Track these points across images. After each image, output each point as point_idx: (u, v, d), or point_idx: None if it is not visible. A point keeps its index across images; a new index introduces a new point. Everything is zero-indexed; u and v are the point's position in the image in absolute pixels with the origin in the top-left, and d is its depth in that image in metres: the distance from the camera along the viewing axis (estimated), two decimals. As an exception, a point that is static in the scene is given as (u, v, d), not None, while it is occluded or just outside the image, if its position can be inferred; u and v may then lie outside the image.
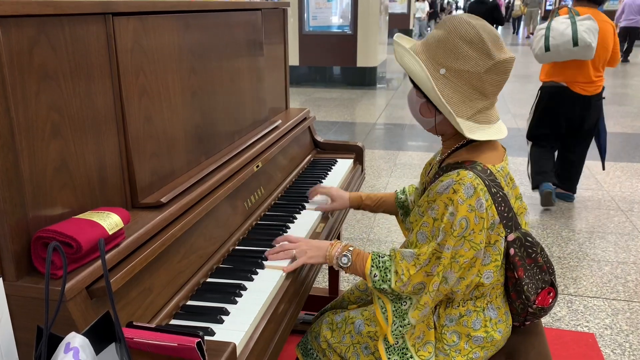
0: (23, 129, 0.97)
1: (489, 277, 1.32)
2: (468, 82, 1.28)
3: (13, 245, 0.96)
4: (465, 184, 1.24)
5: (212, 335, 1.14)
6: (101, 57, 1.17)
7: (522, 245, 1.34)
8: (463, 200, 1.24)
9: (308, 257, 1.44)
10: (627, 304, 2.78)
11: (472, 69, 1.27)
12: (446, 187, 1.27)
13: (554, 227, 3.70)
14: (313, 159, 2.39)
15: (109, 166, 1.21)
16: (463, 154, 1.36)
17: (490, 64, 1.26)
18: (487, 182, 1.27)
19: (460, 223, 1.24)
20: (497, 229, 1.30)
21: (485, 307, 1.37)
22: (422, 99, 1.37)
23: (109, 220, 1.06)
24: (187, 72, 1.48)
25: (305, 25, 9.70)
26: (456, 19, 1.29)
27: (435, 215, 1.28)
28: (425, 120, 1.41)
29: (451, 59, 1.28)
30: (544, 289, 1.39)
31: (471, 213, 1.24)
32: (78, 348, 0.78)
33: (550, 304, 1.41)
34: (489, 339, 1.36)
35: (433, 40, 1.32)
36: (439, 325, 1.38)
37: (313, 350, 1.56)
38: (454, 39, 1.28)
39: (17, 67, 0.95)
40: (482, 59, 1.26)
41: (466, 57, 1.27)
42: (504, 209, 1.30)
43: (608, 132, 4.40)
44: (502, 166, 1.35)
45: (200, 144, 1.57)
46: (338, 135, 6.32)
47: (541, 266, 1.38)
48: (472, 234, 1.25)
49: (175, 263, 1.28)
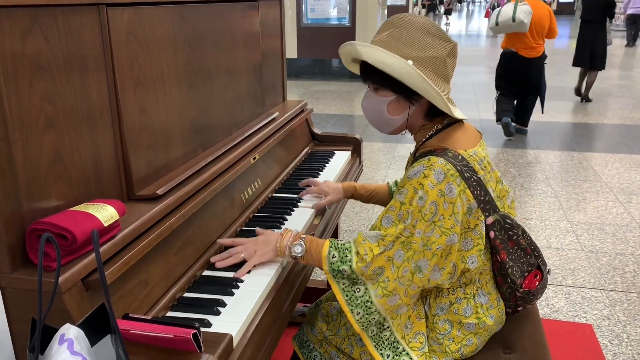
0: (16, 121, 0.96)
1: (473, 261, 1.32)
2: (434, 69, 1.33)
3: (7, 237, 0.95)
4: (435, 169, 1.26)
5: (208, 326, 1.14)
6: (95, 48, 1.16)
7: (501, 227, 1.34)
8: (433, 185, 1.25)
9: (258, 257, 1.39)
10: (624, 295, 2.79)
11: (437, 54, 1.32)
12: (416, 172, 1.28)
13: (552, 219, 3.70)
14: (310, 151, 2.39)
15: (104, 158, 1.21)
16: (435, 142, 1.38)
17: (449, 47, 1.34)
18: (459, 167, 1.28)
19: (429, 208, 1.25)
20: (476, 212, 1.31)
21: (476, 293, 1.38)
22: (391, 96, 1.37)
23: (105, 212, 1.06)
24: (182, 64, 1.47)
25: (304, 17, 9.66)
26: (405, 17, 1.35)
27: (403, 199, 1.28)
28: (392, 119, 1.40)
29: (415, 50, 1.31)
30: (530, 272, 1.40)
31: (440, 198, 1.25)
32: (72, 339, 0.78)
33: (538, 287, 1.41)
34: (481, 325, 1.37)
35: (389, 39, 1.33)
36: (431, 315, 1.38)
37: (309, 342, 1.56)
38: (412, 31, 1.32)
39: (9, 58, 0.94)
40: (442, 44, 1.33)
41: (428, 44, 1.32)
42: (479, 192, 1.31)
43: (607, 123, 6.10)
44: (475, 151, 1.35)
45: (197, 136, 1.56)
46: (336, 127, 6.31)
47: (525, 249, 1.39)
48: (441, 219, 1.25)
49: (171, 255, 1.27)
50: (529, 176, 4.58)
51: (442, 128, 1.39)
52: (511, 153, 5.21)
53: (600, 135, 5.89)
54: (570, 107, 7.24)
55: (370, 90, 1.42)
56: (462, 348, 1.37)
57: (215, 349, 1.02)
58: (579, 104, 7.39)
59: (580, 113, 6.89)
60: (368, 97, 1.43)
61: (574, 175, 4.58)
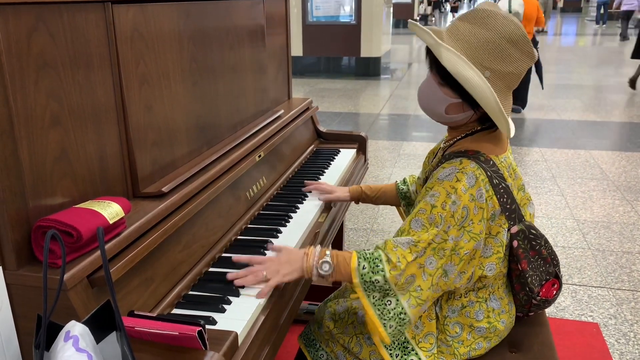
0: (22, 118, 0.96)
1: (491, 269, 1.30)
2: (507, 82, 1.26)
3: (13, 235, 0.95)
4: (467, 173, 1.23)
5: (213, 324, 1.14)
6: (101, 45, 1.16)
7: (525, 237, 1.32)
8: (466, 189, 1.22)
9: (282, 276, 1.29)
10: (631, 293, 2.77)
11: (515, 71, 1.25)
12: (448, 174, 1.24)
13: (558, 217, 3.69)
14: (316, 149, 2.38)
15: (109, 155, 1.21)
16: (467, 143, 1.34)
17: (530, 64, 1.26)
18: (490, 172, 1.25)
19: (461, 212, 1.22)
20: (499, 220, 1.28)
21: (488, 297, 1.36)
22: (456, 99, 1.29)
23: (110, 209, 1.06)
24: (187, 61, 1.47)
25: (309, 15, 9.65)
26: (499, 17, 1.24)
27: (434, 202, 1.24)
28: (447, 116, 1.34)
29: (497, 62, 1.23)
30: (548, 280, 1.37)
31: (472, 203, 1.22)
32: (78, 336, 0.78)
33: (555, 296, 1.40)
34: (492, 330, 1.36)
35: (474, 40, 1.23)
36: (442, 317, 1.37)
37: (316, 341, 1.56)
38: (501, 40, 1.22)
39: (15, 55, 0.94)
40: (525, 60, 1.24)
41: (512, 59, 1.23)
42: (506, 200, 1.28)
43: (614, 121, 6.37)
44: (505, 157, 1.33)
45: (202, 134, 1.56)
46: (342, 125, 6.30)
47: (545, 258, 1.36)
48: (471, 224, 1.22)
49: (176, 252, 1.27)
50: (535, 174, 4.56)
51: (477, 130, 1.34)
52: (517, 151, 5.19)
53: (607, 133, 5.86)
54: (577, 104, 7.20)
55: (433, 79, 1.33)
56: (471, 351, 1.36)
57: (221, 346, 1.01)
58: (585, 102, 7.35)
59: (586, 111, 6.85)
60: (430, 86, 1.34)
61: (581, 173, 4.56)
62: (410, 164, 4.87)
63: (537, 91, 7.55)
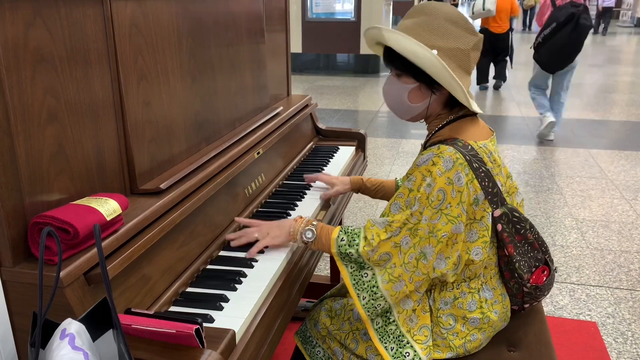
0: (19, 113, 0.95)
1: (477, 253, 1.32)
2: (457, 61, 1.32)
3: (9, 231, 0.95)
4: (444, 157, 1.26)
5: (211, 322, 1.14)
6: (98, 40, 1.15)
7: (509, 221, 1.34)
8: (442, 172, 1.25)
9: (271, 238, 1.43)
10: (629, 292, 2.77)
11: (462, 46, 1.32)
12: (425, 160, 1.29)
13: (557, 216, 3.68)
14: (315, 146, 2.37)
15: (107, 152, 1.20)
16: (446, 132, 1.39)
17: (475, 40, 1.34)
18: (468, 157, 1.29)
19: (437, 195, 1.25)
20: (482, 204, 1.30)
21: (480, 288, 1.38)
22: (413, 84, 1.36)
23: (107, 206, 1.05)
24: (186, 57, 1.46)
25: (308, 12, 9.63)
26: (432, 4, 1.34)
27: (411, 186, 1.29)
28: (412, 107, 1.40)
29: (441, 39, 1.30)
30: (537, 267, 1.39)
31: (449, 186, 1.25)
32: (74, 334, 0.77)
33: (545, 282, 1.41)
34: (485, 320, 1.36)
35: (415, 26, 1.32)
36: (435, 309, 1.37)
37: (312, 338, 1.56)
38: (439, 20, 1.31)
39: (12, 50, 0.93)
40: (468, 36, 1.33)
41: (454, 35, 1.31)
42: (487, 184, 1.31)
43: (613, 120, 6.47)
44: (484, 143, 1.36)
45: (200, 130, 1.55)
46: (341, 123, 6.29)
47: (532, 243, 1.38)
48: (448, 207, 1.26)
49: (174, 250, 1.27)
50: (534, 173, 4.56)
51: (455, 119, 1.39)
52: (516, 149, 5.18)
53: (606, 132, 5.86)
54: (576, 103, 7.19)
55: (392, 75, 1.41)
56: (466, 343, 1.36)
57: (218, 344, 1.01)
58: (584, 100, 7.35)
59: (585, 110, 6.85)
60: (390, 82, 1.42)
61: (579, 172, 4.56)
62: (409, 161, 4.87)
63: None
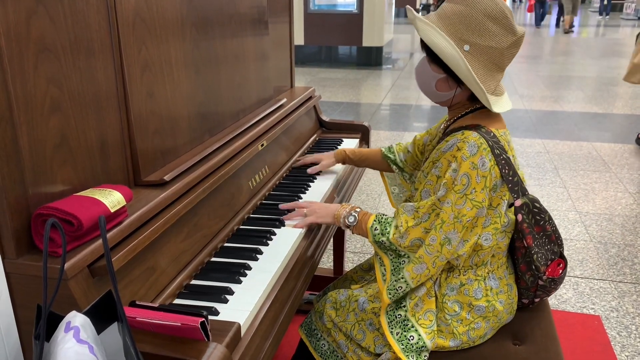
0: (21, 104, 0.94)
1: (487, 239, 1.33)
2: (490, 57, 1.30)
3: (13, 223, 0.94)
4: (469, 142, 1.27)
5: (216, 315, 1.13)
6: (102, 30, 1.13)
7: (529, 211, 1.34)
8: (466, 157, 1.26)
9: (317, 217, 1.51)
10: (633, 286, 2.76)
11: (496, 45, 1.29)
12: (450, 146, 1.30)
13: (560, 209, 3.67)
14: (318, 138, 2.36)
15: (110, 143, 1.19)
16: (467, 120, 1.39)
17: (512, 39, 1.29)
18: (491, 142, 1.29)
19: (461, 179, 1.26)
20: (500, 191, 1.31)
21: (487, 276, 1.38)
22: (441, 74, 1.36)
23: (111, 197, 1.04)
24: (190, 48, 1.44)
25: (311, 3, 9.57)
26: None
27: (438, 172, 1.31)
28: (439, 94, 1.41)
29: (475, 36, 1.28)
30: (553, 260, 1.40)
31: (473, 171, 1.26)
32: (79, 327, 0.76)
33: (561, 275, 1.41)
34: (491, 309, 1.37)
35: (453, 15, 1.30)
36: (440, 295, 1.38)
37: (317, 331, 1.55)
38: (478, 14, 1.27)
39: (14, 39, 0.92)
40: (506, 35, 1.29)
41: (491, 33, 1.28)
42: (508, 171, 1.31)
43: (616, 113, 6.23)
44: (504, 132, 1.37)
45: (204, 122, 1.54)
46: (343, 115, 6.27)
47: (550, 235, 1.39)
48: (473, 192, 1.26)
49: (178, 242, 1.26)
50: (537, 166, 4.54)
51: (476, 109, 1.40)
52: (519, 142, 5.16)
53: (610, 125, 5.83)
54: (580, 96, 7.16)
55: (425, 58, 1.41)
56: (470, 331, 1.36)
57: (223, 337, 1.00)
58: (588, 93, 7.32)
59: (589, 102, 6.82)
60: (422, 64, 1.42)
61: (583, 166, 4.54)
62: (411, 154, 4.85)
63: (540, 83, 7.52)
